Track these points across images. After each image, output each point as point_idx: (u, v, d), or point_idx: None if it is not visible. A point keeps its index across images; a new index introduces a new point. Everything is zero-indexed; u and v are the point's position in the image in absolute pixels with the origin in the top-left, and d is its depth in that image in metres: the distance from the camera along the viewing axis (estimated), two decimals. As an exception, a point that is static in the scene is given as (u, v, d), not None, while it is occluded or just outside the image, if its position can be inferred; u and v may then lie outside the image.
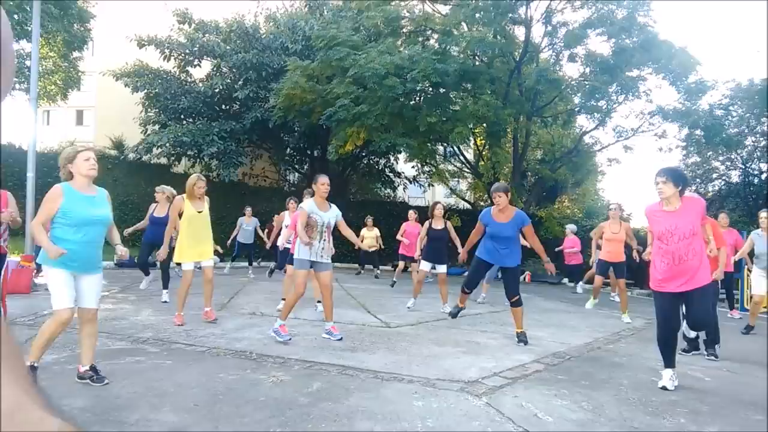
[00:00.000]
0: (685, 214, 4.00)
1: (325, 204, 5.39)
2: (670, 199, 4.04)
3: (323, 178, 5.37)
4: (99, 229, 3.51)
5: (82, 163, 3.47)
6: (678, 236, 3.97)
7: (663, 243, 4.05)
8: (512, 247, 5.68)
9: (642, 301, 12.33)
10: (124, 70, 18.48)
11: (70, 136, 27.04)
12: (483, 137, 18.60)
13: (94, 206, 3.49)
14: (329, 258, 5.39)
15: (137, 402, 3.21)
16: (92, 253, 3.52)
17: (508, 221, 5.65)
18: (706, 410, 3.61)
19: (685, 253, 3.95)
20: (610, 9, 15.11)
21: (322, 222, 5.24)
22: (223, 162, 17.47)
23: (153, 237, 7.71)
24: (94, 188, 3.59)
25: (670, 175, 4.02)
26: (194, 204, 5.97)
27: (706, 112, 15.96)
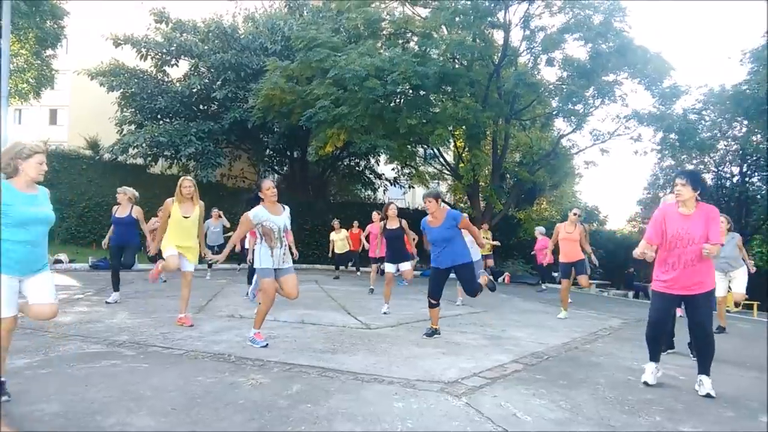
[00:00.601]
0: (698, 220, 4.01)
1: (276, 207, 5.02)
2: (686, 202, 4.05)
3: (267, 182, 5.01)
4: (42, 228, 3.32)
5: (35, 165, 3.27)
6: (688, 240, 3.98)
7: (672, 245, 4.05)
8: (453, 246, 5.72)
9: (618, 301, 12.56)
10: (99, 68, 18.15)
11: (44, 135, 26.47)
12: (462, 139, 18.72)
13: (36, 205, 3.28)
14: (291, 263, 5.12)
15: (113, 406, 3.15)
16: (36, 254, 3.29)
17: (440, 224, 5.75)
18: (681, 408, 3.67)
19: (692, 258, 3.97)
20: (587, 14, 15.35)
21: (278, 227, 4.93)
22: (201, 163, 17.28)
23: (119, 238, 7.58)
24: (36, 187, 3.40)
25: (690, 179, 4.02)
26: (182, 208, 5.87)
27: (680, 116, 16.30)
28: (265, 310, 5.02)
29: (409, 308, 8.09)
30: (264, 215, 4.86)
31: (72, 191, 15.94)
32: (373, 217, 10.94)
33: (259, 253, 4.93)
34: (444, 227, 5.71)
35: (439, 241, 5.74)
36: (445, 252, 5.74)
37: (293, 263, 5.24)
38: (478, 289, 5.86)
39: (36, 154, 3.28)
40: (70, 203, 15.67)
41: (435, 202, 5.76)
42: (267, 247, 4.88)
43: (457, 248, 5.73)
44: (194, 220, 5.96)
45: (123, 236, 7.56)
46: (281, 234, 4.94)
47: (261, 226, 4.88)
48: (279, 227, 4.92)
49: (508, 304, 9.81)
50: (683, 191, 4.02)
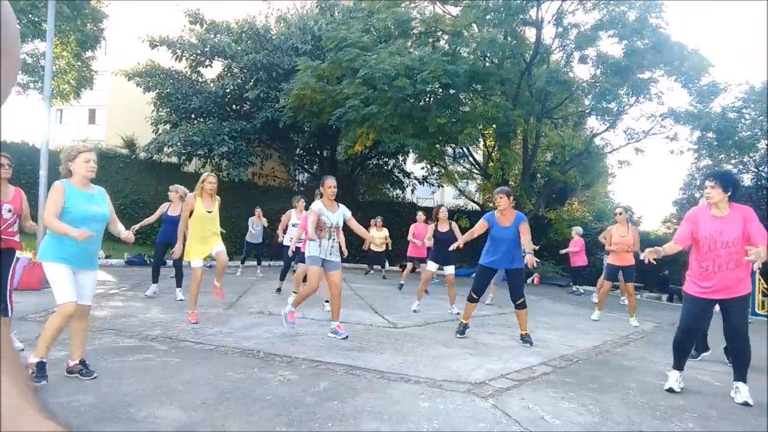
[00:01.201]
0: (732, 222, 3.91)
1: (333, 205, 5.48)
2: (718, 204, 3.96)
3: (330, 180, 5.45)
4: (97, 225, 3.56)
5: (81, 164, 3.54)
6: (721, 243, 3.88)
7: (705, 248, 3.96)
8: (515, 250, 5.71)
9: (651, 304, 12.27)
10: (136, 69, 18.64)
11: (83, 134, 27.33)
12: (492, 138, 18.54)
13: (92, 203, 3.58)
14: (338, 257, 5.48)
15: (145, 399, 3.24)
16: (90, 250, 3.58)
17: (510, 225, 5.70)
18: (715, 415, 3.58)
19: (727, 261, 3.87)
20: (622, 11, 15.01)
21: (330, 223, 5.36)
22: (233, 162, 17.55)
23: (166, 236, 7.78)
24: (92, 186, 3.69)
25: (720, 180, 3.94)
26: (205, 203, 6.02)
27: (719, 114, 15.79)
28: (306, 294, 5.31)
29: (437, 308, 8.07)
30: (322, 210, 5.35)
31: (109, 189, 16.08)
32: (417, 217, 10.92)
33: (308, 244, 5.35)
34: (512, 228, 5.67)
35: (503, 240, 5.68)
36: (504, 254, 5.69)
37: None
38: (523, 296, 5.76)
39: (81, 153, 3.55)
40: (107, 200, 16.11)
41: (507, 199, 5.71)
42: (317, 238, 5.26)
43: (516, 252, 5.71)
44: (216, 213, 6.12)
45: (170, 234, 7.71)
46: (332, 229, 5.38)
47: (318, 218, 5.32)
48: (332, 223, 5.37)
49: (538, 306, 9.69)
50: (713, 193, 3.94)
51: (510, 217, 5.72)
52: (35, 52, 17.77)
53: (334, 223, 5.39)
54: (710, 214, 4.01)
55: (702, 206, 4.16)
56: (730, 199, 3.97)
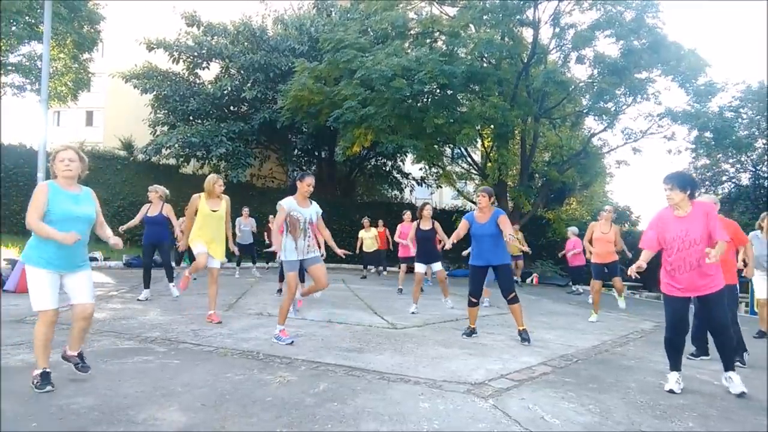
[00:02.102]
0: (696, 219, 3.97)
1: (305, 201, 5.23)
2: (679, 204, 4.02)
3: (309, 178, 5.20)
4: (82, 226, 3.47)
5: (57, 164, 3.48)
6: (689, 242, 3.94)
7: (674, 249, 4.01)
8: (497, 245, 5.79)
9: (650, 304, 12.27)
10: (133, 71, 18.62)
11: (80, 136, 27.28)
12: (490, 139, 18.54)
13: (77, 204, 3.47)
14: (317, 252, 5.28)
15: (145, 401, 3.23)
16: (76, 251, 3.46)
17: (487, 221, 5.82)
18: (715, 414, 3.58)
19: (698, 259, 3.92)
20: (619, 11, 15.03)
21: (304, 219, 5.13)
22: (231, 163, 17.54)
23: (151, 237, 7.76)
24: (78, 187, 3.59)
25: (676, 182, 4.00)
26: (210, 203, 6.04)
27: (716, 114, 15.82)
28: (287, 306, 5.15)
29: (436, 308, 8.07)
30: (292, 205, 5.11)
31: (107, 191, 16.36)
32: (404, 217, 10.91)
33: (284, 246, 5.12)
34: (489, 223, 5.80)
35: (482, 237, 5.82)
36: (486, 250, 5.81)
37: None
38: (513, 290, 5.84)
39: (57, 153, 3.50)
40: (105, 203, 16.02)
41: (488, 198, 5.87)
42: (291, 239, 5.09)
43: (498, 247, 5.81)
44: (222, 213, 6.11)
45: (155, 235, 7.74)
46: (306, 225, 5.15)
47: (289, 215, 5.10)
48: (305, 218, 5.14)
49: (537, 306, 9.69)
50: (672, 196, 4.00)
51: (488, 214, 5.86)
52: (32, 54, 17.73)
53: (308, 218, 5.16)
54: (674, 215, 4.07)
55: (666, 209, 4.20)
56: (690, 197, 4.02)
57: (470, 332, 6.01)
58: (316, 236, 5.36)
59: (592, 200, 27.66)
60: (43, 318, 3.36)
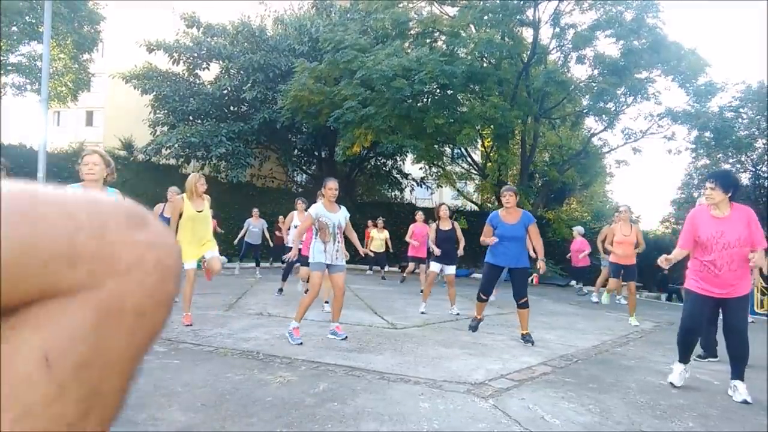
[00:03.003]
0: (734, 222, 3.89)
1: (333, 206, 5.43)
2: (719, 205, 3.94)
3: (331, 182, 5.39)
4: None
5: (82, 167, 3.67)
6: (723, 244, 3.87)
7: (706, 249, 3.95)
8: (521, 248, 5.72)
9: (650, 303, 12.28)
10: (133, 72, 18.62)
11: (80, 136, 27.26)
12: (490, 139, 18.56)
13: None
14: (343, 260, 5.45)
15: (145, 401, 3.23)
16: None
17: (516, 222, 5.70)
18: (715, 414, 3.58)
19: (729, 262, 3.86)
20: (619, 11, 15.05)
21: (332, 224, 5.29)
22: (231, 163, 17.54)
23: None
24: (104, 189, 3.65)
25: (720, 180, 3.91)
26: (194, 204, 5.92)
27: (716, 114, 15.84)
28: (308, 303, 5.24)
29: (437, 308, 8.06)
30: (321, 211, 5.28)
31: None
32: (416, 217, 10.86)
33: (313, 248, 5.31)
34: (519, 226, 5.70)
35: (510, 238, 5.69)
36: (509, 251, 5.68)
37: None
38: (526, 295, 5.75)
39: (83, 156, 3.65)
40: (105, 202, 16.05)
41: (515, 196, 5.77)
42: (321, 242, 5.25)
43: (523, 250, 5.75)
44: (206, 212, 5.92)
45: None
46: (335, 230, 5.31)
47: (318, 221, 5.26)
48: (333, 224, 5.30)
49: (537, 306, 9.68)
50: (713, 194, 3.91)
51: (516, 215, 5.74)
52: (32, 54, 17.72)
53: (336, 224, 5.32)
54: (710, 215, 3.99)
55: (702, 207, 4.14)
56: (730, 199, 3.95)
57: (476, 324, 6.01)
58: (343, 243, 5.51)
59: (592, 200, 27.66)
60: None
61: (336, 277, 5.39)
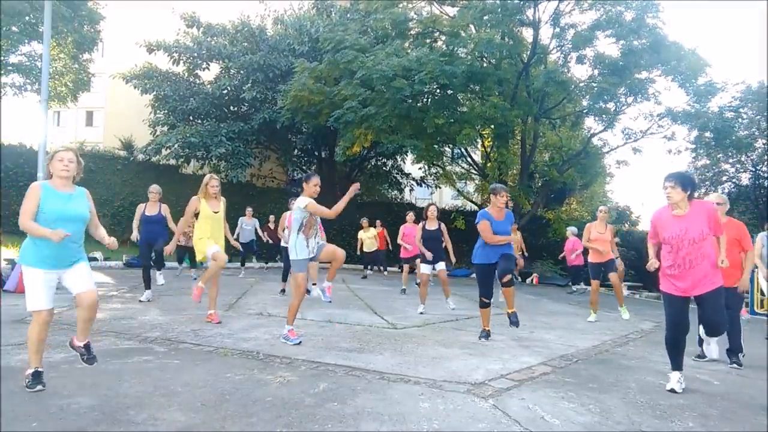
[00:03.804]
0: (695, 219, 4.00)
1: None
2: (678, 203, 4.04)
3: (315, 178, 5.28)
4: (75, 226, 3.45)
5: (56, 163, 3.49)
6: (688, 240, 3.96)
7: (673, 248, 4.04)
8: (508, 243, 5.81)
9: (650, 303, 12.27)
10: (133, 72, 18.62)
11: (80, 136, 27.27)
12: (490, 139, 18.55)
13: (69, 203, 3.46)
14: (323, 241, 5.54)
15: (145, 401, 3.23)
16: (70, 250, 3.44)
17: (504, 219, 5.81)
18: (716, 414, 3.58)
19: (695, 258, 3.95)
20: (619, 11, 15.04)
21: (316, 218, 5.26)
22: (231, 163, 17.54)
23: (148, 236, 7.77)
24: (73, 187, 3.57)
25: (678, 180, 4.02)
26: (210, 204, 6.03)
27: (716, 114, 15.82)
28: (296, 305, 5.13)
29: (437, 308, 8.06)
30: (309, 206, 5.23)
31: (107, 191, 16.37)
32: (407, 218, 10.88)
33: (295, 245, 5.10)
34: (506, 222, 5.80)
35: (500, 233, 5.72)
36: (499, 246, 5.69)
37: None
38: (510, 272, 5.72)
39: (56, 153, 3.53)
40: (105, 203, 16.08)
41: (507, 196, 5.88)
42: (304, 238, 5.12)
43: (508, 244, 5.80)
44: (221, 214, 6.14)
45: (152, 234, 7.75)
46: (317, 224, 5.31)
47: (309, 215, 5.14)
48: (318, 219, 5.28)
49: (537, 306, 9.69)
50: (673, 194, 4.02)
51: (503, 213, 5.85)
52: (32, 54, 17.71)
53: (318, 220, 5.34)
54: (672, 214, 4.09)
55: (663, 208, 4.23)
56: (689, 197, 4.05)
57: (486, 335, 5.89)
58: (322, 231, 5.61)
59: (592, 200, 27.64)
60: (37, 318, 3.35)
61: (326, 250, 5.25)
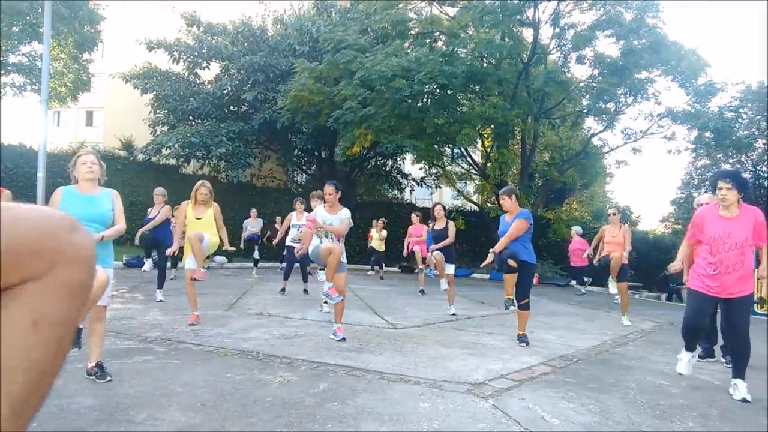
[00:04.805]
0: (742, 223, 3.87)
1: (333, 207, 5.56)
2: (730, 206, 3.90)
3: (326, 187, 5.55)
4: (95, 228, 3.50)
5: (80, 167, 3.61)
6: (730, 245, 3.84)
7: (713, 249, 3.92)
8: (524, 243, 5.62)
9: (651, 303, 12.28)
10: (133, 72, 18.60)
11: (80, 137, 27.25)
12: (490, 139, 18.54)
13: (91, 206, 3.53)
14: (344, 260, 5.54)
15: (145, 401, 3.23)
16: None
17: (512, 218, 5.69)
18: (715, 414, 3.58)
19: (734, 263, 3.83)
20: (619, 11, 15.04)
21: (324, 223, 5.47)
22: (231, 163, 17.53)
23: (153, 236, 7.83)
24: (99, 189, 3.65)
25: (735, 181, 3.86)
26: (196, 210, 5.99)
27: (716, 114, 15.82)
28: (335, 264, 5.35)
29: (437, 309, 8.06)
30: (319, 213, 5.50)
31: (107, 191, 16.39)
32: (412, 219, 10.88)
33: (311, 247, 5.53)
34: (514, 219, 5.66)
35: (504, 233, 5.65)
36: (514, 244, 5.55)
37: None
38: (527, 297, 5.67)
39: (79, 157, 3.63)
40: (105, 202, 16.07)
41: (509, 199, 5.73)
42: (316, 237, 5.48)
43: (527, 245, 5.63)
44: (207, 219, 5.99)
45: (157, 235, 7.79)
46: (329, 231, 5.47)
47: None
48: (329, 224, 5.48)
49: (537, 306, 9.67)
50: (729, 195, 3.84)
51: (514, 213, 5.74)
52: (32, 54, 17.71)
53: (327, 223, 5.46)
54: (718, 215, 3.95)
55: (709, 207, 4.11)
56: (740, 200, 3.92)
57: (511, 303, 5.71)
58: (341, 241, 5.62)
59: (592, 200, 27.64)
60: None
61: (336, 278, 5.41)
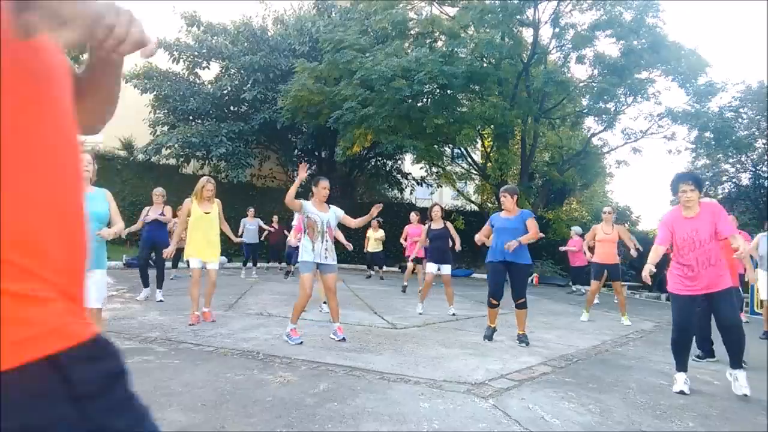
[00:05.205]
0: (705, 219, 4.01)
1: (323, 205, 5.36)
2: (693, 205, 4.04)
3: (324, 181, 5.36)
4: (95, 225, 3.51)
5: None
6: (699, 242, 3.98)
7: (685, 250, 4.05)
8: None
9: (650, 304, 12.27)
10: (133, 71, 18.59)
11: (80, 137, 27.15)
12: (490, 139, 18.55)
13: (89, 204, 3.50)
14: (334, 260, 5.34)
15: (145, 401, 3.21)
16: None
17: (513, 217, 5.70)
18: (715, 414, 3.58)
19: (707, 258, 3.97)
20: (619, 11, 15.05)
21: (321, 221, 5.22)
22: (231, 163, 17.52)
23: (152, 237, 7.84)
24: (91, 188, 3.65)
25: (696, 182, 4.03)
26: (202, 205, 6.04)
27: (716, 114, 15.83)
28: (301, 305, 5.17)
29: (437, 309, 8.06)
30: (310, 209, 5.23)
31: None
32: (411, 218, 10.87)
33: (301, 247, 5.27)
34: (515, 218, 5.66)
35: (506, 230, 5.62)
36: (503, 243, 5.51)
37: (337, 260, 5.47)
38: (524, 296, 5.67)
39: None
40: (105, 202, 16.06)
41: (510, 197, 5.72)
42: (309, 241, 5.19)
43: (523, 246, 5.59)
44: (215, 215, 6.12)
45: (156, 235, 7.81)
46: (324, 229, 5.24)
47: (307, 217, 5.21)
48: (322, 221, 5.23)
49: (537, 306, 9.68)
50: (692, 196, 4.02)
51: (515, 212, 5.74)
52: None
53: (325, 222, 5.24)
54: (683, 216, 4.10)
55: (673, 210, 4.24)
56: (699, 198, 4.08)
57: (491, 333, 5.81)
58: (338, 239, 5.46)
59: (592, 200, 27.64)
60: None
61: (326, 278, 5.30)
